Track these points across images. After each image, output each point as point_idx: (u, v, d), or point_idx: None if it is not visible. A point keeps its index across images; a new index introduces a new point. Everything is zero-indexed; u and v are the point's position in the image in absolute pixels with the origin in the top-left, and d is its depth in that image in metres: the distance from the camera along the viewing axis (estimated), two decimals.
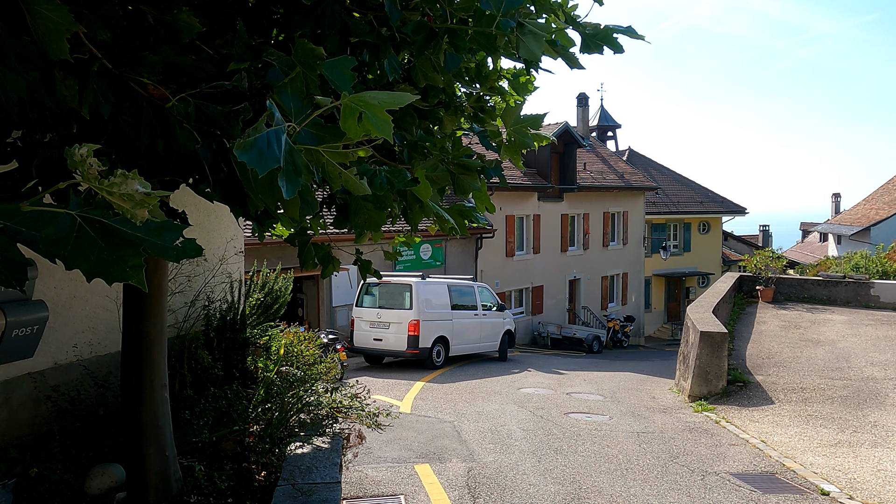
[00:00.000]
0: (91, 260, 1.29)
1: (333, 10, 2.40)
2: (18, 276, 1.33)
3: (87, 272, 1.30)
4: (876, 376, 9.64)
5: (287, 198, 1.48)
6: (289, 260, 13.02)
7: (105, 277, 1.30)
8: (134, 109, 1.94)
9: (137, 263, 1.32)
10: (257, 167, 1.42)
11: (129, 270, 1.31)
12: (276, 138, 1.47)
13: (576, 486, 5.74)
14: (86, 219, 1.31)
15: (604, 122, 38.09)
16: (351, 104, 1.50)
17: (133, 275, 1.31)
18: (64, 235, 1.29)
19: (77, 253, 1.29)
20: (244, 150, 1.41)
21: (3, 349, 3.96)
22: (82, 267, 1.29)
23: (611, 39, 2.69)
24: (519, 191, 21.83)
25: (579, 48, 2.76)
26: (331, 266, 3.68)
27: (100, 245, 1.30)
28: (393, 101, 1.52)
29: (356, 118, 1.51)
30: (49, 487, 3.77)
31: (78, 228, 1.30)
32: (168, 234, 1.38)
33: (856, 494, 5.72)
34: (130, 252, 1.31)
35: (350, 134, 1.52)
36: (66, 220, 1.30)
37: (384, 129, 1.51)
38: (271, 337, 6.64)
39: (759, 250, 20.02)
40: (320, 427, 5.31)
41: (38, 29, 1.55)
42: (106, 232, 1.31)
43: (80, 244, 1.29)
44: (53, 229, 1.28)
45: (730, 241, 40.86)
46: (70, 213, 1.31)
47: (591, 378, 12.78)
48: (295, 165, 1.50)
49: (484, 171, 3.14)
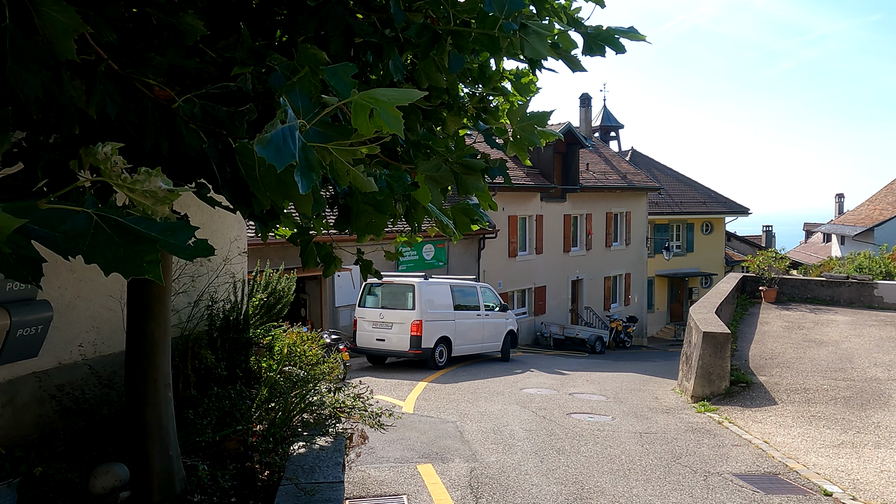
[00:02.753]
0: (108, 256, 1.32)
1: (337, 11, 2.41)
2: (34, 273, 1.36)
3: (105, 267, 1.32)
4: (879, 377, 9.62)
5: (303, 192, 1.50)
6: (292, 260, 13.04)
7: (123, 272, 1.33)
8: (139, 110, 1.95)
9: (154, 259, 1.34)
10: (276, 162, 1.44)
11: (145, 265, 1.33)
12: (290, 135, 1.49)
13: (578, 487, 5.74)
14: (102, 217, 1.34)
15: (606, 122, 38.08)
16: (361, 101, 1.52)
17: (150, 269, 1.34)
18: (81, 232, 1.32)
19: (94, 249, 1.32)
20: (263, 145, 1.43)
21: (8, 349, 3.99)
22: (100, 262, 1.32)
23: (613, 40, 2.70)
24: (522, 191, 21.83)
25: (581, 50, 2.77)
26: (332, 265, 3.70)
27: (116, 241, 1.33)
28: (402, 97, 1.54)
29: (367, 115, 1.52)
30: (53, 486, 3.79)
31: (95, 226, 1.33)
32: (181, 234, 1.41)
33: (859, 495, 5.71)
34: (147, 248, 1.34)
35: (362, 130, 1.54)
36: (83, 217, 1.33)
37: (395, 124, 1.53)
38: (274, 337, 6.65)
39: (763, 251, 19.99)
40: (323, 427, 5.33)
41: (46, 30, 1.56)
42: (122, 229, 1.34)
43: (97, 241, 1.32)
44: (71, 226, 1.31)
45: (733, 242, 40.80)
46: (87, 212, 1.33)
47: (593, 378, 12.77)
48: (309, 162, 1.52)
49: (488, 170, 3.14)
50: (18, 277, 1.35)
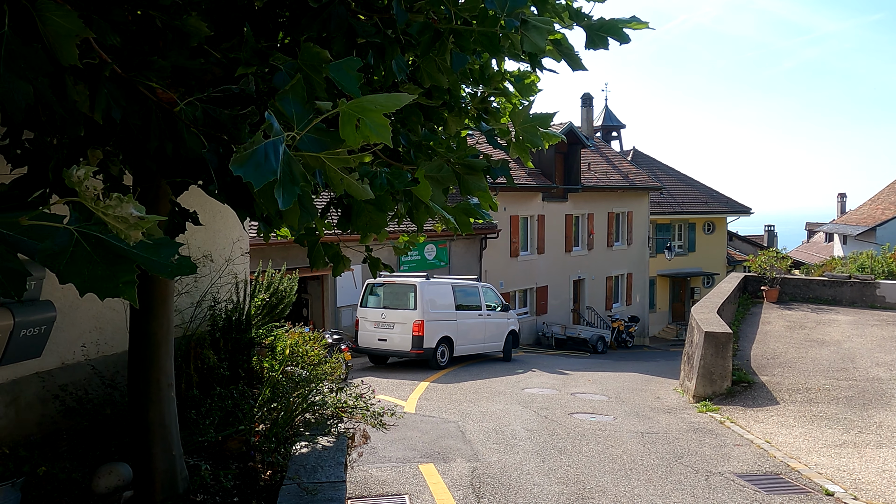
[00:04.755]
0: (85, 275, 1.31)
1: (339, 12, 2.42)
2: (17, 286, 1.35)
3: (81, 287, 1.31)
4: (881, 377, 9.62)
5: (283, 208, 1.50)
6: (294, 260, 13.07)
7: (98, 293, 1.32)
8: (143, 113, 1.96)
9: (130, 280, 1.33)
10: (253, 180, 1.43)
11: (121, 286, 1.32)
12: (273, 149, 1.48)
13: (580, 487, 5.75)
14: (83, 234, 1.33)
15: (608, 122, 38.05)
16: (348, 111, 1.51)
17: (125, 290, 1.32)
18: (61, 249, 1.30)
19: (72, 268, 1.30)
20: (240, 164, 1.43)
21: (12, 349, 4.00)
22: (76, 282, 1.31)
23: (616, 30, 2.70)
24: (523, 191, 21.83)
25: (584, 44, 2.78)
26: (341, 265, 3.71)
27: (95, 260, 1.32)
28: (390, 103, 1.53)
29: (354, 125, 1.52)
30: (57, 486, 3.80)
31: (75, 243, 1.32)
32: (164, 251, 1.40)
33: (860, 495, 5.71)
34: (124, 268, 1.33)
35: (349, 142, 1.54)
36: (64, 234, 1.32)
37: (383, 133, 1.52)
38: (276, 337, 6.67)
39: (764, 250, 19.97)
40: (325, 427, 5.34)
41: (48, 35, 1.57)
42: (102, 248, 1.33)
43: (75, 259, 1.31)
44: (51, 243, 1.30)
45: (735, 242, 40.75)
46: (68, 229, 1.32)
47: (595, 378, 12.78)
48: (292, 175, 1.51)
49: (490, 171, 3.15)
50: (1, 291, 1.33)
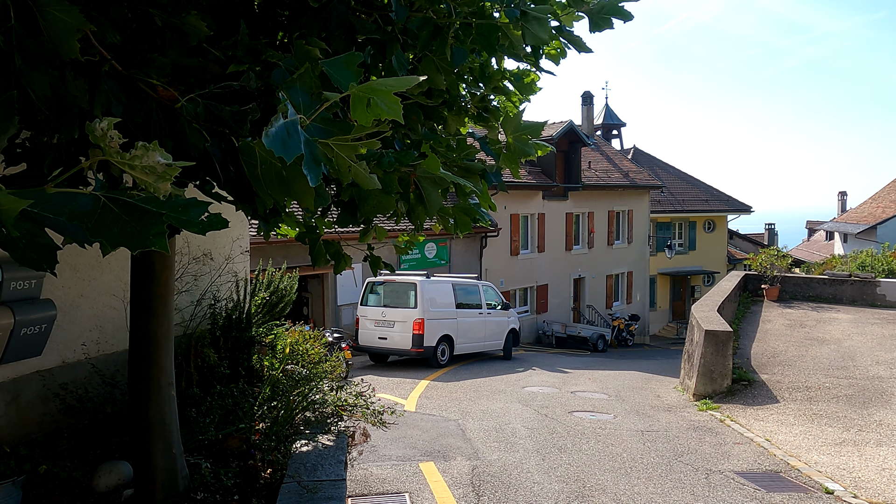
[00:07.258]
0: (115, 231, 1.32)
1: (339, 10, 2.42)
2: (48, 259, 1.36)
3: (111, 242, 1.32)
4: (882, 375, 9.62)
5: (313, 185, 1.50)
6: (294, 259, 13.07)
7: (128, 246, 1.32)
8: (144, 110, 1.96)
9: (161, 230, 1.33)
10: (284, 155, 1.44)
11: (152, 238, 1.32)
12: (293, 129, 1.49)
13: (580, 485, 5.75)
14: (110, 198, 1.34)
15: (608, 120, 38.04)
16: (359, 93, 1.53)
17: (156, 241, 1.32)
18: (89, 210, 1.31)
19: (101, 226, 1.31)
20: (270, 139, 1.43)
21: (12, 347, 4.00)
22: (106, 237, 1.32)
23: (618, 9, 2.75)
24: (523, 189, 21.83)
25: (588, 28, 2.82)
26: (342, 262, 3.71)
27: (123, 219, 1.33)
28: (399, 84, 1.55)
29: (365, 105, 1.53)
30: (58, 484, 3.81)
31: (102, 206, 1.33)
32: (193, 210, 1.40)
33: (860, 493, 5.71)
34: (153, 222, 1.33)
35: (361, 121, 1.55)
36: (89, 198, 1.33)
37: (394, 110, 1.53)
38: (277, 335, 6.67)
39: (765, 249, 19.97)
40: (325, 425, 5.34)
41: (49, 30, 1.57)
42: (130, 208, 1.34)
43: (103, 218, 1.32)
44: (77, 205, 1.31)
45: (735, 240, 40.74)
46: (95, 194, 1.34)
47: (595, 377, 12.78)
48: (314, 155, 1.52)
49: (485, 175, 3.16)
50: (30, 263, 1.34)
